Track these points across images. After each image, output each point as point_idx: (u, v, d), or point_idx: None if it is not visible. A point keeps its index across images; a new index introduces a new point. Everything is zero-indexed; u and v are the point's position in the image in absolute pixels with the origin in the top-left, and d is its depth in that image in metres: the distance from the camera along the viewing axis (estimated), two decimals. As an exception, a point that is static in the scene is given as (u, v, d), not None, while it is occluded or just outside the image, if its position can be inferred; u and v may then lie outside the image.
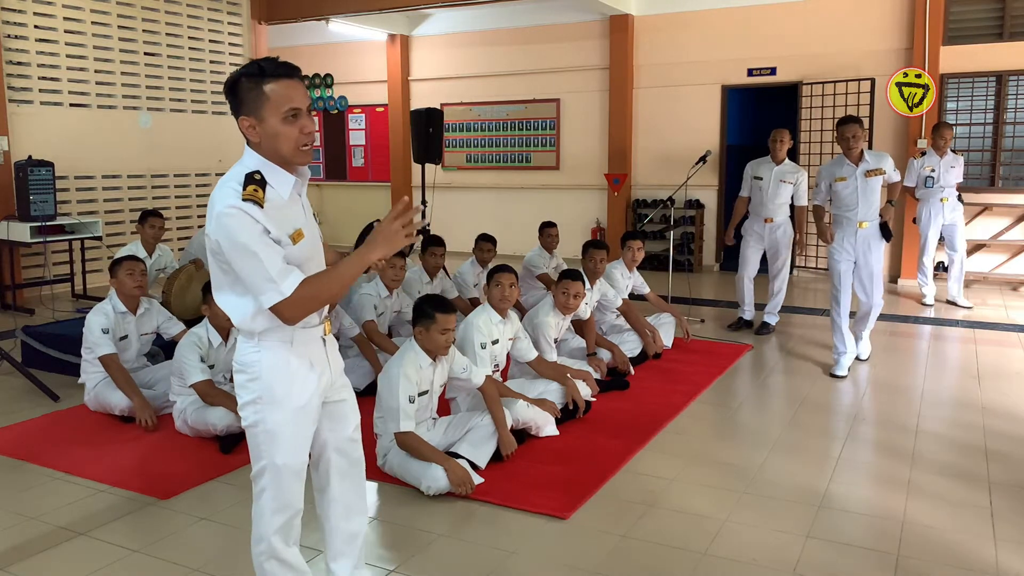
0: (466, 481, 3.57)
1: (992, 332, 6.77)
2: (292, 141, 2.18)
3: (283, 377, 2.27)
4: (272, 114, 2.15)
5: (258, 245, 2.11)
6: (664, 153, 10.44)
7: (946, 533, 3.26)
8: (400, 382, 3.66)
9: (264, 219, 2.13)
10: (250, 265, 2.12)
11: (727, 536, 3.24)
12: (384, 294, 5.52)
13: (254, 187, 2.13)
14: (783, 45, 9.66)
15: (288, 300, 2.14)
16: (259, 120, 2.17)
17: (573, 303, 4.93)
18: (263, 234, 2.12)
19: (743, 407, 4.94)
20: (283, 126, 2.16)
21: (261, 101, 2.15)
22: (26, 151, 7.95)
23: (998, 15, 8.71)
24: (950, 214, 7.76)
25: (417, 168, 10.71)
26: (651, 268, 9.73)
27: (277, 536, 2.39)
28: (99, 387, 4.73)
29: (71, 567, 3.04)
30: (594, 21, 10.72)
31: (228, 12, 10.21)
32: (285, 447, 2.31)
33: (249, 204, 2.11)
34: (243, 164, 2.21)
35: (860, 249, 5.48)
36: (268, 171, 2.20)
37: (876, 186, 5.43)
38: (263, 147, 2.20)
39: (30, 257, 8.25)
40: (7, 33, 8.06)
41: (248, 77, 2.17)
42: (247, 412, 2.31)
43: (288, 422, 2.30)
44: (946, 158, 7.64)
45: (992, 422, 4.57)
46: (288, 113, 2.16)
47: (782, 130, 6.77)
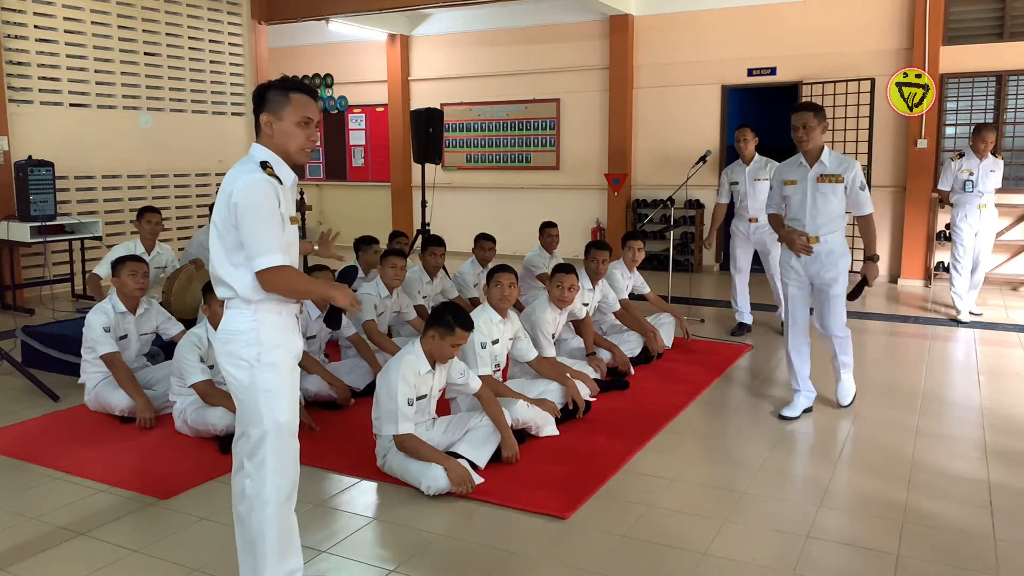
0: (466, 480, 3.57)
1: (992, 332, 6.77)
2: (299, 142, 2.58)
3: (278, 339, 2.56)
4: (290, 116, 2.56)
5: (273, 213, 2.48)
6: (664, 153, 10.44)
7: (946, 533, 3.26)
8: (399, 385, 3.66)
9: (280, 193, 2.51)
10: (261, 227, 2.46)
11: (727, 536, 3.24)
12: (384, 294, 5.51)
13: (270, 169, 2.51)
14: (783, 45, 9.67)
15: (275, 269, 2.47)
16: (278, 119, 2.56)
17: (568, 295, 4.94)
18: (277, 207, 2.49)
19: (743, 407, 4.94)
20: (295, 128, 2.57)
21: (285, 104, 2.56)
22: (26, 151, 7.95)
23: (998, 15, 8.71)
24: (986, 222, 7.24)
25: (417, 168, 10.72)
26: (651, 268, 9.73)
27: (286, 503, 2.59)
28: (99, 387, 4.73)
29: (71, 567, 3.04)
30: (594, 21, 10.72)
31: (228, 12, 10.21)
32: (285, 405, 2.55)
33: (271, 177, 2.50)
34: (252, 156, 2.56)
35: (812, 269, 4.58)
36: (275, 162, 2.56)
37: (832, 197, 4.48)
38: (273, 141, 2.57)
39: (30, 257, 8.25)
40: (7, 33, 8.06)
41: (277, 88, 2.59)
42: (243, 377, 2.52)
43: (285, 380, 2.56)
44: (986, 161, 7.09)
45: (992, 422, 4.57)
46: (303, 119, 2.57)
47: (744, 128, 6.60)
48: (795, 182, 4.55)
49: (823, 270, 4.56)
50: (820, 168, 4.48)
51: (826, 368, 5.73)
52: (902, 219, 9.19)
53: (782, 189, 4.66)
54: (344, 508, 3.55)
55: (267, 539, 2.56)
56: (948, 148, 9.09)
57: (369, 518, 3.47)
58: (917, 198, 9.04)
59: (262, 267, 2.45)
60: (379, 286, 5.52)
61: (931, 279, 8.97)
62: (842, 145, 9.23)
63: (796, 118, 4.42)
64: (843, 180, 4.45)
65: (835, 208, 4.50)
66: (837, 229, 4.55)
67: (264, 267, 2.45)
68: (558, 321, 5.08)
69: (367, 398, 4.44)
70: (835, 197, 4.48)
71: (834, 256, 4.55)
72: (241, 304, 2.53)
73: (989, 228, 7.27)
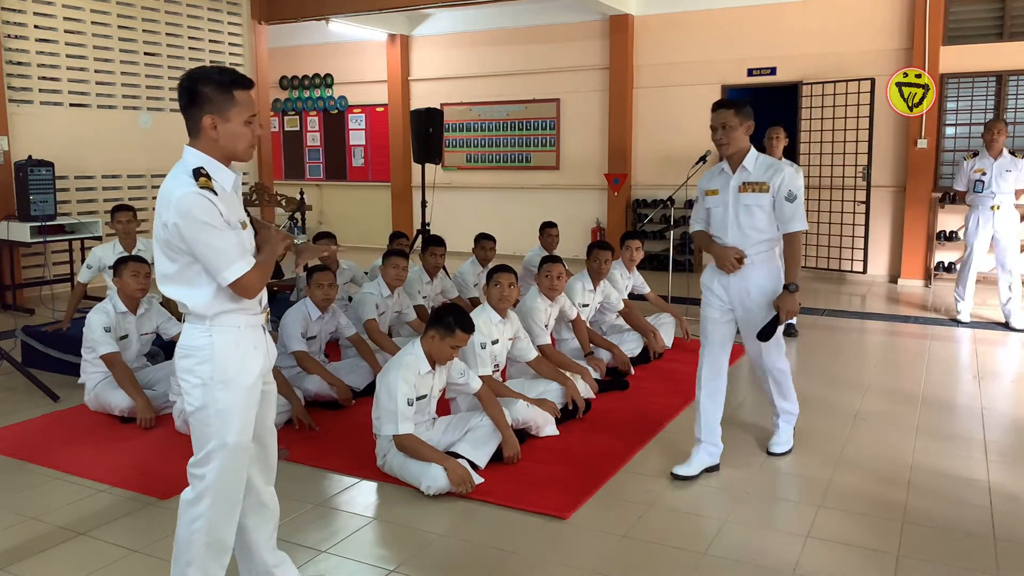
0: (466, 480, 3.57)
1: (992, 332, 6.77)
2: (247, 141, 2.46)
3: (235, 357, 2.44)
4: (237, 116, 2.42)
5: (220, 225, 2.35)
6: (664, 153, 10.44)
7: (946, 533, 3.26)
8: (399, 385, 3.66)
9: (220, 204, 2.37)
10: (214, 243, 2.34)
11: (727, 536, 3.24)
12: (386, 293, 5.52)
13: (204, 179, 2.36)
14: (783, 45, 9.66)
15: (247, 275, 2.38)
16: (224, 120, 2.41)
17: (557, 284, 5.01)
18: (221, 217, 2.36)
19: (743, 407, 4.94)
20: (244, 128, 2.44)
21: (230, 104, 2.40)
22: (26, 151, 7.95)
23: (998, 15, 8.71)
24: (1002, 225, 6.85)
25: (417, 168, 10.71)
26: (651, 268, 9.72)
27: (221, 528, 2.49)
28: (99, 387, 4.74)
29: (71, 567, 3.04)
30: (594, 21, 10.72)
31: (228, 12, 10.21)
32: (236, 426, 2.45)
33: (205, 191, 2.35)
34: (185, 162, 2.42)
35: (736, 294, 3.79)
36: (211, 167, 2.41)
37: (756, 210, 3.70)
38: (217, 143, 2.42)
39: (30, 257, 8.25)
40: (7, 33, 8.07)
41: (215, 83, 2.40)
42: (196, 395, 2.43)
43: (239, 401, 2.45)
44: (1001, 160, 6.76)
45: (992, 422, 4.57)
46: (250, 118, 2.44)
47: (776, 127, 6.39)
48: (716, 191, 3.80)
49: (748, 296, 3.77)
50: (743, 175, 3.73)
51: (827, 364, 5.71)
52: (902, 219, 9.19)
53: (704, 201, 3.89)
54: (344, 508, 3.56)
55: (183, 556, 2.49)
56: (948, 148, 9.09)
57: (369, 518, 3.47)
58: (917, 198, 9.03)
59: (236, 276, 2.36)
60: (380, 286, 5.52)
61: (931, 279, 8.96)
62: (842, 145, 9.24)
63: (714, 117, 3.70)
64: (768, 189, 3.68)
65: (761, 224, 3.72)
66: (766, 249, 3.77)
67: (238, 276, 2.36)
68: (550, 313, 5.10)
69: (367, 398, 4.44)
70: (760, 211, 3.71)
71: (761, 279, 3.76)
72: (196, 320, 2.45)
73: (1008, 230, 6.85)
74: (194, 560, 2.49)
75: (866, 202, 9.18)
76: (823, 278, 9.42)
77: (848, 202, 9.33)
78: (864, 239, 9.26)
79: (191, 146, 2.44)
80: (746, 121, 3.70)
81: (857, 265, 9.39)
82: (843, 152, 9.26)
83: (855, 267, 9.41)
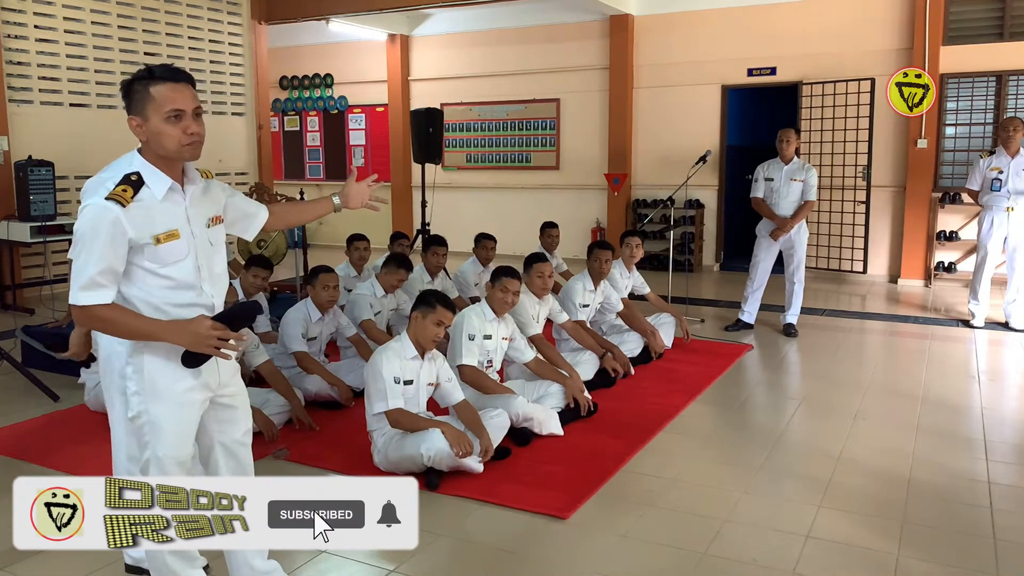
0: (462, 439, 3.61)
1: (992, 332, 6.77)
2: (174, 139, 2.27)
3: (164, 370, 2.36)
4: (155, 114, 2.26)
5: (93, 243, 2.20)
6: (664, 153, 10.43)
7: (946, 533, 3.26)
8: (383, 364, 3.73)
9: (124, 218, 2.21)
10: (80, 258, 2.20)
11: (727, 536, 3.24)
12: (380, 294, 5.55)
13: (124, 187, 2.23)
14: (783, 45, 9.66)
15: (80, 307, 2.22)
16: (144, 119, 2.28)
17: (548, 283, 5.06)
18: (109, 237, 2.20)
19: (743, 407, 4.94)
20: (165, 125, 2.26)
21: (147, 102, 2.27)
22: (26, 151, 7.94)
23: (998, 15, 8.71)
24: (1016, 228, 6.70)
25: (417, 168, 10.69)
26: (651, 268, 9.72)
27: None
28: (99, 387, 4.72)
29: (71, 567, 3.04)
30: (594, 21, 10.72)
31: (228, 12, 10.20)
32: (168, 439, 2.39)
33: (111, 203, 2.20)
34: (126, 162, 2.31)
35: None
36: (147, 172, 2.29)
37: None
38: (150, 145, 2.30)
39: (30, 257, 8.24)
40: (7, 33, 8.06)
41: (139, 80, 2.29)
42: (133, 403, 2.39)
43: (170, 414, 2.38)
44: (1018, 159, 6.57)
45: (992, 422, 4.57)
46: (170, 113, 2.26)
47: (788, 130, 6.70)
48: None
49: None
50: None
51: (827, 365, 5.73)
52: (902, 219, 9.19)
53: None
54: (344, 508, 3.55)
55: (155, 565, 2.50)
56: (948, 148, 9.09)
57: (369, 518, 3.46)
58: (917, 198, 9.03)
59: (72, 300, 2.22)
60: (375, 286, 5.57)
61: (931, 279, 8.96)
62: (842, 145, 9.24)
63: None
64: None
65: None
66: None
67: (72, 301, 2.22)
68: (538, 310, 5.13)
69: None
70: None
71: None
72: None
73: (1022, 232, 6.72)
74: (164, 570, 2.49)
75: (866, 202, 9.18)
76: (823, 278, 9.41)
77: (848, 202, 9.33)
78: (864, 239, 9.27)
79: (137, 149, 2.34)
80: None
81: (857, 265, 9.39)
82: (843, 152, 9.26)
83: (855, 267, 9.41)
